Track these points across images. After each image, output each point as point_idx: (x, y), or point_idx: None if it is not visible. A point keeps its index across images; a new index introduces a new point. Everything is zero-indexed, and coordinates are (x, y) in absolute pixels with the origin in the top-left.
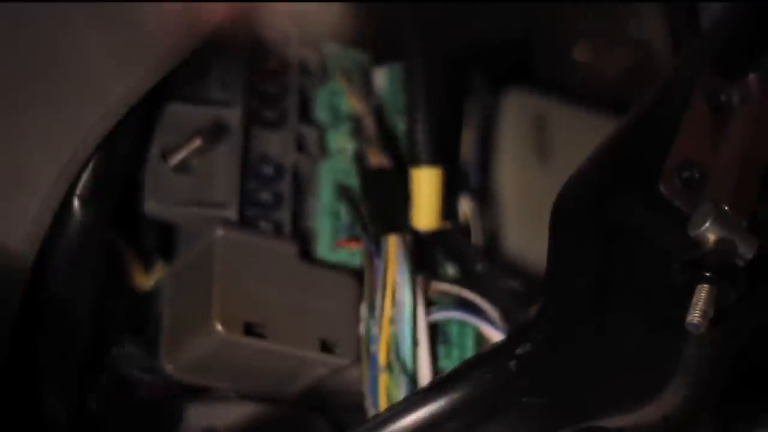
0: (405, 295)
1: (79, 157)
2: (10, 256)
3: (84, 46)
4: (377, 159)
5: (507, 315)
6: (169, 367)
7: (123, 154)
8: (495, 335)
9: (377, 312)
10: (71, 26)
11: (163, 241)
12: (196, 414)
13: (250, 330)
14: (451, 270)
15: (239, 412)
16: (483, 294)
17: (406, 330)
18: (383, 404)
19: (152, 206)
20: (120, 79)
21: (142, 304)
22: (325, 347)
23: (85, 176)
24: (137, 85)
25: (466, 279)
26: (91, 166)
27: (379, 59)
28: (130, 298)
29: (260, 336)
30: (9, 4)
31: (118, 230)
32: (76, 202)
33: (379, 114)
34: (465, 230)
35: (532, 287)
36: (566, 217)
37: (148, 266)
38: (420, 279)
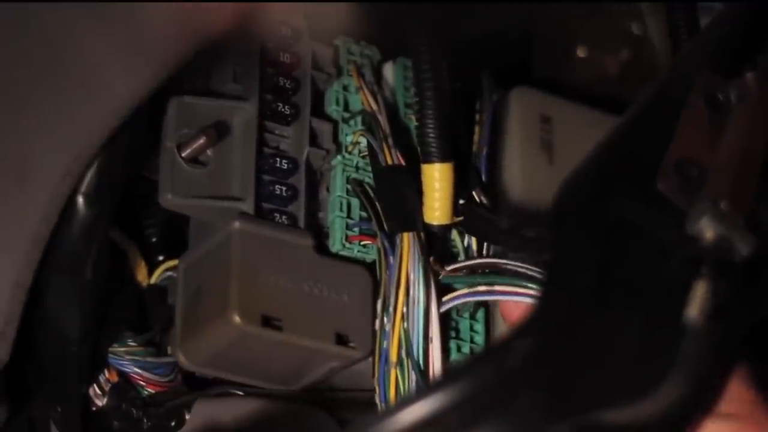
0: (418, 291)
1: (84, 155)
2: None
3: (89, 46)
4: (390, 156)
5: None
6: (183, 360)
7: (127, 153)
8: (508, 306)
9: (390, 308)
10: (76, 26)
11: (166, 238)
12: (201, 409)
13: (267, 322)
14: (463, 256)
15: (244, 407)
16: (514, 251)
17: (419, 326)
18: (393, 400)
19: (168, 199)
20: (125, 79)
21: (145, 301)
22: (340, 340)
23: (89, 174)
24: (142, 85)
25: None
26: (95, 164)
27: (387, 54)
28: (132, 295)
29: (277, 328)
30: (14, 4)
31: (121, 226)
32: (80, 200)
33: (390, 109)
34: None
35: None
36: (566, 214)
37: (150, 263)
38: (433, 273)
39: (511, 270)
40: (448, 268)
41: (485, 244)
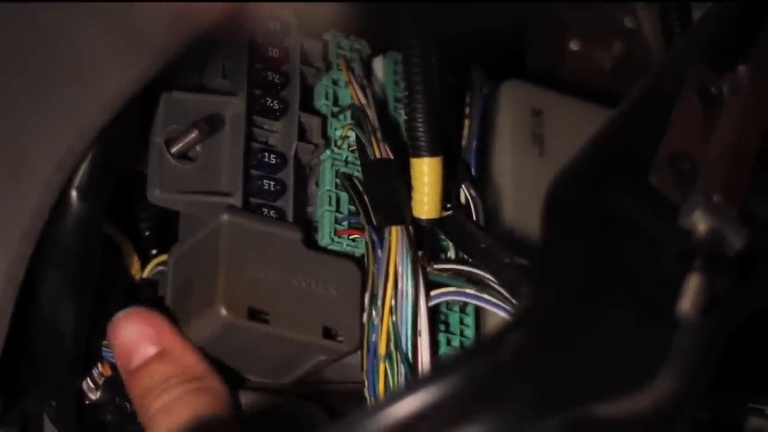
0: (407, 285)
1: (77, 149)
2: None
3: (82, 39)
4: (379, 150)
5: (512, 289)
6: None
7: (121, 146)
8: (494, 313)
9: (378, 301)
10: (69, 20)
11: (159, 232)
12: None
13: (253, 315)
14: (453, 254)
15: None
16: (488, 270)
17: (408, 319)
18: (382, 393)
19: (156, 195)
20: (117, 72)
21: (138, 294)
22: (328, 334)
23: (83, 168)
24: (134, 78)
25: (470, 260)
26: (89, 158)
27: (377, 48)
28: (126, 289)
29: (264, 321)
30: None
31: (114, 220)
32: (73, 194)
33: (380, 103)
34: (467, 215)
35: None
36: (558, 208)
37: (143, 256)
38: (421, 267)
39: (492, 287)
40: (436, 267)
41: None
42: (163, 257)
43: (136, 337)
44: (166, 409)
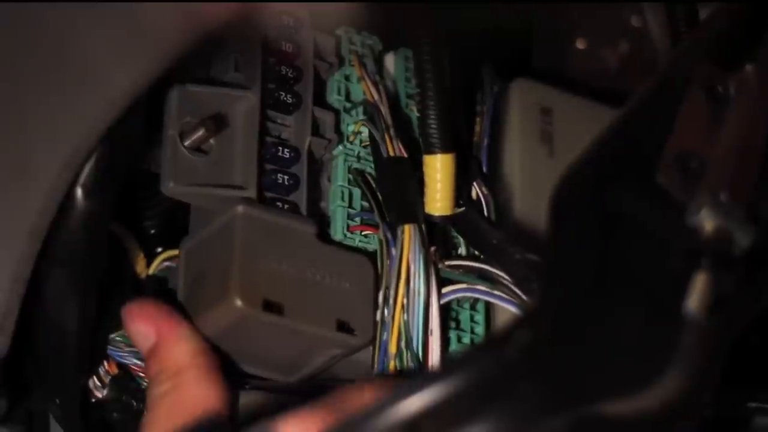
0: (419, 283)
1: (82, 148)
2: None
3: (87, 38)
4: (392, 147)
5: (523, 285)
6: None
7: (127, 145)
8: (505, 310)
9: (390, 299)
10: (74, 18)
11: (164, 230)
12: None
13: (268, 307)
14: (464, 250)
15: (243, 400)
16: (500, 267)
17: (419, 318)
18: None
19: (170, 187)
20: (123, 71)
21: (144, 292)
22: (342, 327)
23: (88, 166)
24: (140, 76)
25: (481, 256)
26: (94, 156)
27: (389, 44)
28: (131, 286)
29: (278, 313)
30: None
31: (120, 219)
32: (79, 192)
33: (391, 100)
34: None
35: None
36: (565, 208)
37: (149, 255)
38: (433, 265)
39: (503, 283)
40: (447, 263)
41: None
42: (171, 252)
43: (135, 332)
44: (150, 405)
